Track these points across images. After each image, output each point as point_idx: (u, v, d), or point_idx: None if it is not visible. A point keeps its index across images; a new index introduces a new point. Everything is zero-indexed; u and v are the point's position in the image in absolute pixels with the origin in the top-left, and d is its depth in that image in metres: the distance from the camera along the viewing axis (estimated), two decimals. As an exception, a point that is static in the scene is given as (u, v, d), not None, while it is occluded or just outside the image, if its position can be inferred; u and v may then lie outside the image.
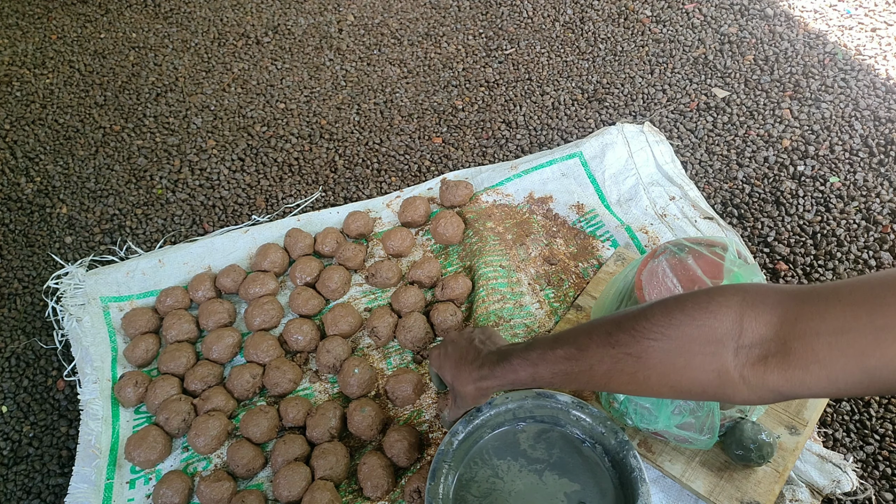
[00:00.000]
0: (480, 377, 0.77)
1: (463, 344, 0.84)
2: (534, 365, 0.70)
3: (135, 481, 1.03)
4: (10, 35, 1.84)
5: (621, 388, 0.63)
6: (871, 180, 1.26)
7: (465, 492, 0.91)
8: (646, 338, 0.59)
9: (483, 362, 0.78)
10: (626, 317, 0.62)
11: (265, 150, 1.50)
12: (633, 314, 0.61)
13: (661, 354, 0.58)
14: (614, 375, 0.62)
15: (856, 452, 0.96)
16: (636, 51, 1.59)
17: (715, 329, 0.55)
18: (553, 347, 0.68)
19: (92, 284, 1.23)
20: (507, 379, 0.74)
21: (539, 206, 1.28)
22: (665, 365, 0.58)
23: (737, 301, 0.55)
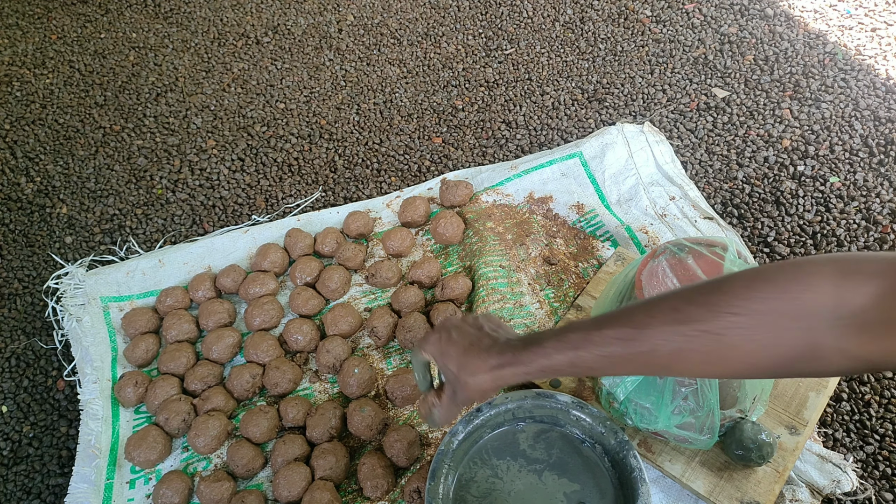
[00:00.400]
0: (500, 364, 0.68)
1: (470, 330, 0.74)
2: (574, 348, 0.62)
3: (135, 481, 1.03)
4: (10, 35, 1.84)
5: (691, 369, 0.58)
6: (871, 180, 1.26)
7: (464, 492, 0.91)
8: (725, 312, 0.52)
9: (503, 348, 0.68)
10: (696, 290, 0.56)
11: (265, 150, 1.50)
12: (704, 287, 0.55)
13: (745, 331, 0.52)
14: (684, 356, 0.56)
15: (856, 452, 0.96)
16: (636, 51, 1.59)
17: (809, 301, 0.50)
18: (600, 327, 0.60)
19: (92, 284, 1.23)
20: (537, 365, 0.65)
21: (539, 206, 1.28)
22: (749, 342, 0.52)
23: (831, 270, 0.51)
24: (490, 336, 0.72)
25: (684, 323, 0.55)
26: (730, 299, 0.53)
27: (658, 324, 0.56)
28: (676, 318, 0.55)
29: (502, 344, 0.69)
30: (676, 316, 0.55)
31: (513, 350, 0.67)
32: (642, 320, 0.58)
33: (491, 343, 0.70)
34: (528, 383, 1.02)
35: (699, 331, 0.54)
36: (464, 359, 0.71)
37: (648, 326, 0.57)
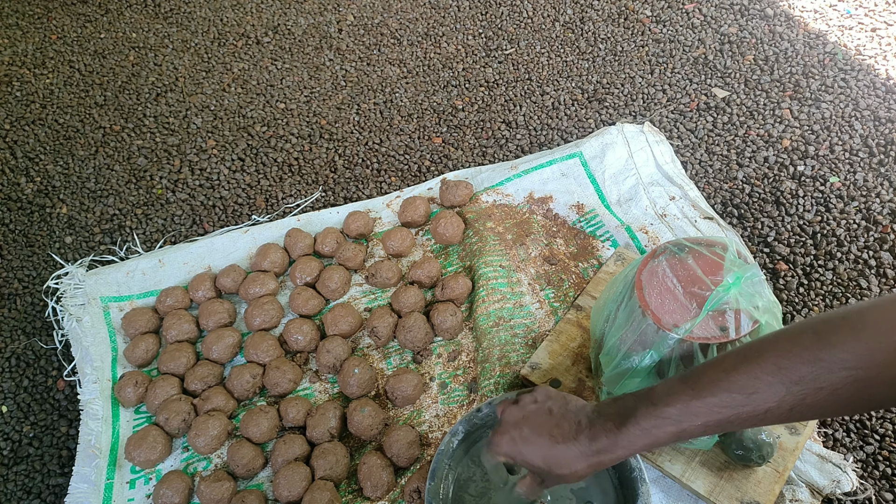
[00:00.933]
0: (596, 452, 0.65)
1: (543, 419, 0.70)
2: (677, 423, 0.60)
3: (135, 481, 1.03)
4: (10, 35, 1.84)
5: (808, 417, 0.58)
6: (871, 180, 1.26)
7: (464, 491, 0.91)
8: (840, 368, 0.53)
9: (594, 433, 0.65)
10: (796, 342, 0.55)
11: (265, 150, 1.50)
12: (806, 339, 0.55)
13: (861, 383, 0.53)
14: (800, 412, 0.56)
15: (856, 452, 0.96)
16: (636, 51, 1.59)
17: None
18: (699, 395, 0.59)
19: (92, 284, 1.23)
20: (640, 445, 0.63)
21: (539, 206, 1.28)
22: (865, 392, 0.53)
23: None
24: (568, 420, 0.69)
25: (797, 384, 0.54)
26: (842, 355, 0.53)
27: (766, 387, 0.56)
28: (787, 379, 0.55)
29: (589, 427, 0.66)
30: (786, 376, 0.55)
31: (606, 434, 0.65)
32: (747, 383, 0.57)
33: (574, 428, 0.67)
34: (529, 383, 1.02)
35: (814, 388, 0.54)
36: (551, 453, 0.68)
37: (756, 391, 0.56)
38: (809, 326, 0.56)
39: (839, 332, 0.53)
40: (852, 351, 0.52)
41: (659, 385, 0.64)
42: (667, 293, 0.78)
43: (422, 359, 1.11)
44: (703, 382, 0.60)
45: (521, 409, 0.73)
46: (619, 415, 0.64)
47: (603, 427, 0.65)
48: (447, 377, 1.08)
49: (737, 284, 0.74)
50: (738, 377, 0.58)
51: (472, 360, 1.09)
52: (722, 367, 0.59)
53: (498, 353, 1.06)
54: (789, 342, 0.56)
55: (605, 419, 0.66)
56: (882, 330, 0.52)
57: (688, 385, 0.60)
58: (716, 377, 0.59)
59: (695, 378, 0.61)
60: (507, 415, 0.74)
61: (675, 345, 0.76)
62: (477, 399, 1.04)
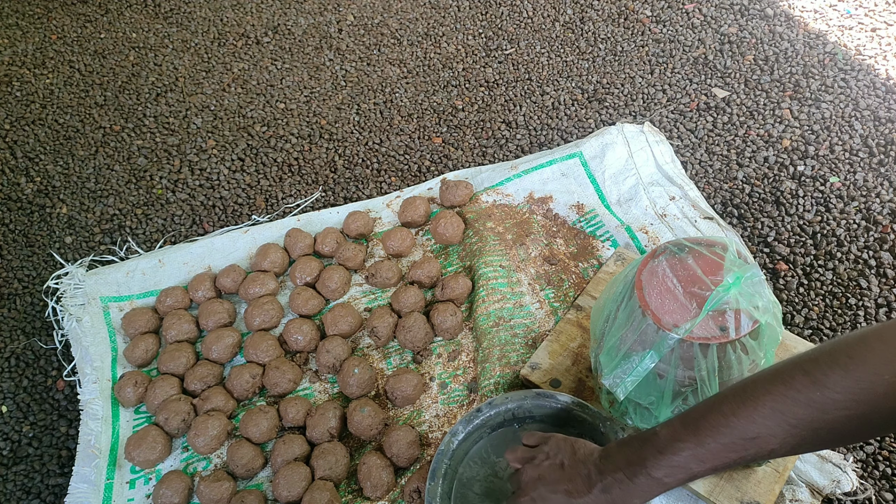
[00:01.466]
0: (613, 502, 0.68)
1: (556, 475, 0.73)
2: (687, 471, 0.63)
3: (135, 481, 1.03)
4: (10, 35, 1.84)
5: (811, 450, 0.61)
6: (871, 180, 1.26)
7: (464, 491, 0.91)
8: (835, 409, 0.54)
9: (607, 486, 0.68)
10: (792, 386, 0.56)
11: (265, 150, 1.50)
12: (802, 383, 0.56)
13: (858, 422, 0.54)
14: (803, 448, 0.59)
15: (856, 452, 0.96)
16: (636, 51, 1.59)
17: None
18: (702, 443, 0.61)
19: (92, 284, 1.23)
20: (654, 493, 0.66)
21: (539, 206, 1.28)
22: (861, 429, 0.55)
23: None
24: (579, 473, 0.71)
25: (795, 426, 0.56)
26: (835, 396, 0.54)
27: (766, 430, 0.58)
28: (785, 423, 0.57)
29: (600, 479, 0.69)
30: (784, 420, 0.57)
31: (619, 485, 0.67)
32: (747, 428, 0.59)
33: (586, 482, 0.70)
34: (529, 383, 1.02)
35: (812, 429, 0.56)
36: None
37: (758, 435, 0.58)
38: (801, 368, 0.57)
39: (830, 373, 0.54)
40: (845, 391, 0.53)
41: (661, 429, 0.66)
42: (667, 293, 0.78)
43: (422, 359, 1.11)
44: (705, 428, 0.62)
45: (536, 467, 0.76)
46: (629, 464, 0.67)
47: (614, 477, 0.68)
48: (447, 377, 1.08)
49: (737, 284, 0.74)
50: (738, 422, 0.59)
51: (472, 360, 1.09)
52: (721, 412, 0.61)
53: (498, 353, 1.06)
54: (783, 385, 0.57)
55: (614, 468, 0.68)
56: (872, 367, 0.53)
57: (690, 431, 0.63)
58: (717, 422, 0.61)
59: (696, 422, 0.63)
60: (525, 475, 0.77)
61: (675, 345, 0.76)
62: (477, 399, 1.04)
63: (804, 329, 1.09)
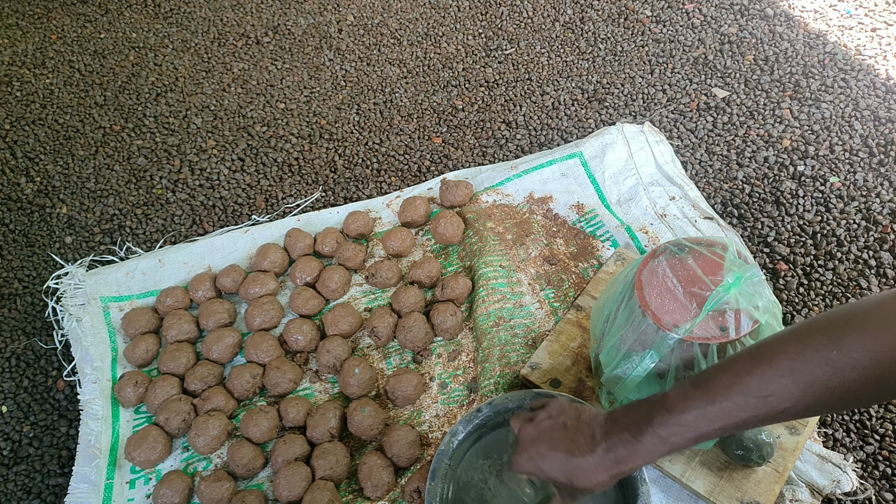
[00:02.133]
0: (616, 461, 0.66)
1: (557, 433, 0.72)
2: (695, 430, 0.61)
3: (135, 481, 1.03)
4: (10, 35, 1.84)
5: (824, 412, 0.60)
6: (871, 180, 1.26)
7: (465, 490, 0.91)
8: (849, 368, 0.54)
9: (611, 444, 0.67)
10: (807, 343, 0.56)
11: (265, 150, 1.50)
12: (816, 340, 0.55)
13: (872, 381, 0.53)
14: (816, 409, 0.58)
15: (856, 452, 0.96)
16: (636, 51, 1.59)
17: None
18: (713, 401, 0.60)
19: (92, 284, 1.23)
20: (659, 452, 0.64)
21: (539, 206, 1.28)
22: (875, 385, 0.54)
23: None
24: (582, 432, 0.70)
25: (811, 385, 0.56)
26: (853, 356, 0.53)
27: (780, 389, 0.57)
28: (801, 381, 0.56)
29: (605, 438, 0.67)
30: (800, 378, 0.56)
31: (624, 444, 0.66)
32: (761, 386, 0.58)
33: (589, 441, 0.68)
34: (529, 383, 1.02)
35: (828, 388, 0.55)
36: (570, 466, 0.69)
37: (772, 394, 0.57)
38: (818, 327, 0.56)
39: (848, 332, 0.54)
40: (863, 351, 0.53)
41: (671, 391, 0.64)
42: (667, 293, 0.78)
43: (422, 359, 1.11)
44: (716, 387, 0.60)
45: (537, 425, 0.74)
46: (635, 424, 0.65)
47: (619, 437, 0.66)
48: (447, 377, 1.08)
49: (737, 284, 0.74)
50: (752, 380, 0.58)
51: (472, 360, 1.09)
52: (734, 371, 0.60)
53: (498, 353, 1.06)
54: (800, 344, 0.56)
55: (620, 429, 0.66)
56: (889, 329, 0.52)
57: (701, 390, 0.61)
58: (729, 381, 0.60)
59: (707, 382, 0.61)
60: (524, 433, 0.75)
61: (675, 345, 0.76)
62: (477, 399, 1.04)
63: (804, 329, 1.09)
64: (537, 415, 0.77)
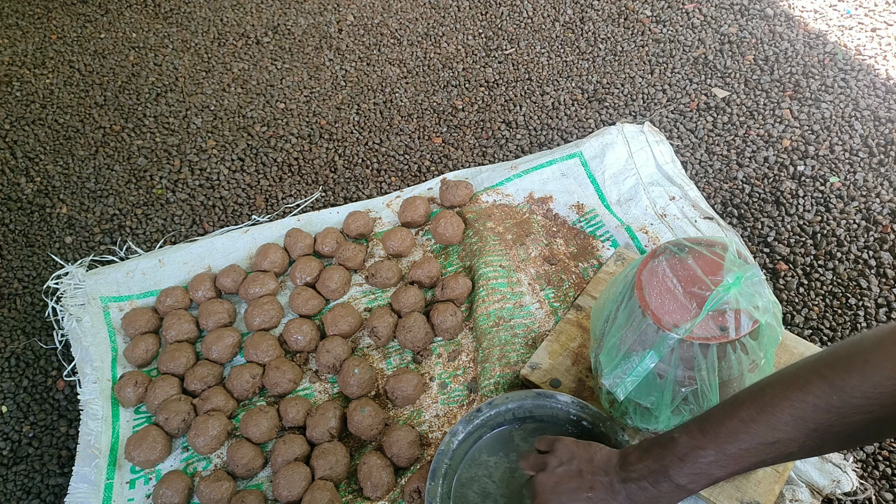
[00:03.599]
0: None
1: (575, 483, 0.73)
2: (708, 476, 0.64)
3: (135, 481, 1.03)
4: (10, 35, 1.84)
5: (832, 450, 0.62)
6: (871, 180, 1.26)
7: (465, 490, 0.91)
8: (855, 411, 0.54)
9: (630, 492, 0.69)
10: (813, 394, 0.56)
11: (265, 150, 1.50)
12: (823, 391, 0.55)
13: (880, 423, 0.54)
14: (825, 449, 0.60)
15: (856, 452, 0.96)
16: (636, 51, 1.59)
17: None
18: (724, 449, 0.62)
19: (92, 284, 1.23)
20: (678, 498, 0.68)
21: (539, 206, 1.28)
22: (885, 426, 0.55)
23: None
24: (599, 480, 0.72)
25: (815, 430, 0.57)
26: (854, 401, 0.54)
27: (786, 436, 0.58)
28: (805, 428, 0.57)
29: (623, 488, 0.69)
30: (803, 426, 0.57)
31: (644, 493, 0.68)
32: (767, 434, 0.59)
33: (609, 487, 0.71)
34: (529, 383, 1.02)
35: (833, 433, 0.56)
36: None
37: (777, 440, 0.59)
38: (817, 372, 0.57)
39: (847, 377, 0.54)
40: (865, 395, 0.53)
41: (680, 436, 0.66)
42: (667, 293, 0.78)
43: (422, 359, 1.11)
44: (724, 435, 0.62)
45: (552, 475, 0.76)
46: (652, 473, 0.67)
47: (638, 486, 0.68)
48: (447, 377, 1.08)
49: (737, 284, 0.74)
50: (758, 428, 0.60)
51: (472, 360, 1.09)
52: (740, 419, 0.61)
53: (498, 353, 1.06)
54: (800, 391, 0.57)
55: (637, 478, 0.68)
56: (890, 370, 0.52)
57: (710, 438, 0.63)
58: (736, 429, 0.61)
59: (715, 430, 0.63)
60: (540, 484, 0.76)
61: (675, 345, 0.76)
62: (477, 399, 1.04)
63: (804, 329, 1.09)
64: (548, 461, 0.78)
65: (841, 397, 0.54)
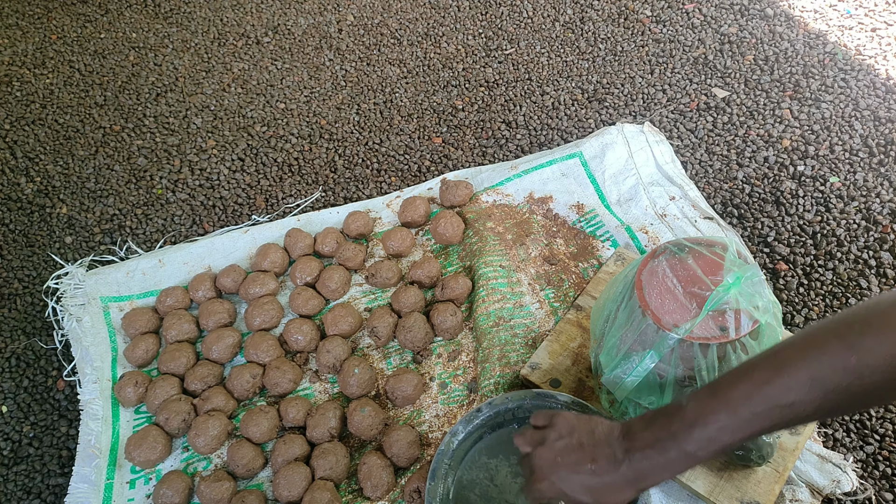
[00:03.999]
0: (642, 477, 0.66)
1: (576, 456, 0.70)
2: (718, 442, 0.61)
3: (135, 481, 1.03)
4: (10, 35, 1.84)
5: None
6: (871, 180, 1.26)
7: (465, 492, 0.91)
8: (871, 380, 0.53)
9: (634, 461, 0.66)
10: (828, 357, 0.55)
11: (265, 150, 1.50)
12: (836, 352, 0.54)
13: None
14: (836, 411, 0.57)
15: (856, 452, 0.96)
16: (636, 51, 1.59)
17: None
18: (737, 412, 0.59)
19: (92, 284, 1.23)
20: (685, 466, 0.64)
21: (539, 206, 1.28)
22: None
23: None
24: (602, 452, 0.68)
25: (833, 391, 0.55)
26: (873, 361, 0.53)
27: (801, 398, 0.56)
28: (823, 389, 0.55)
29: (627, 459, 0.66)
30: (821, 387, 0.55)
31: (649, 461, 0.65)
32: (782, 396, 0.57)
33: (612, 460, 0.67)
34: (529, 383, 1.02)
35: (849, 394, 0.55)
36: (596, 487, 0.68)
37: (793, 403, 0.57)
38: (834, 333, 0.56)
39: (865, 337, 0.54)
40: (883, 355, 0.53)
41: (687, 402, 0.64)
42: (667, 293, 0.78)
43: (422, 359, 1.11)
44: (736, 398, 0.60)
45: (551, 448, 0.72)
46: (658, 440, 0.65)
47: (643, 454, 0.65)
48: (447, 377, 1.08)
49: (737, 284, 0.74)
50: (773, 390, 0.58)
51: (472, 360, 1.09)
52: (753, 381, 0.59)
53: (498, 353, 1.06)
54: (817, 351, 0.56)
55: (642, 446, 0.66)
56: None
57: (720, 401, 0.61)
58: (749, 391, 0.59)
59: (725, 392, 0.61)
60: (540, 459, 0.73)
61: (675, 345, 0.76)
62: (477, 399, 1.04)
63: (804, 329, 1.09)
64: (547, 435, 0.74)
65: (859, 357, 0.53)
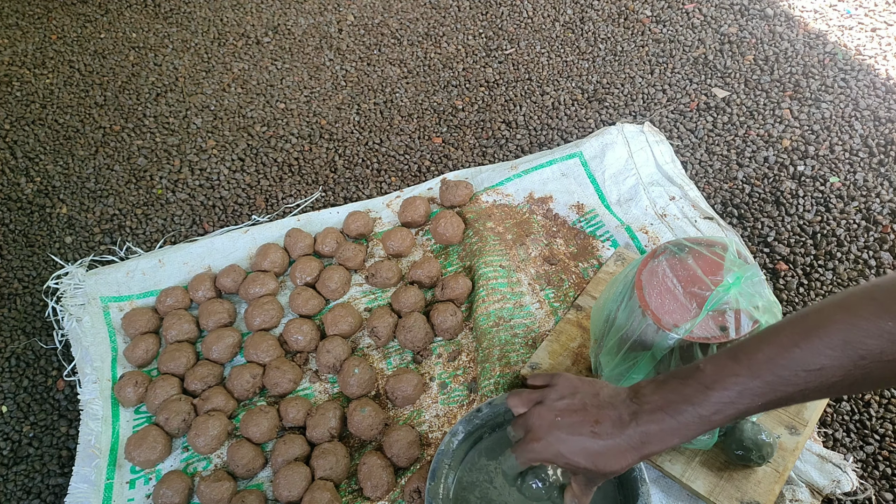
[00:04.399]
0: (648, 441, 0.61)
1: (578, 416, 0.65)
2: (736, 407, 0.57)
3: (135, 481, 1.03)
4: (10, 35, 1.84)
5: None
6: (871, 180, 1.27)
7: (466, 492, 0.91)
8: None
9: (642, 424, 0.61)
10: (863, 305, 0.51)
11: (265, 150, 1.50)
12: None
13: None
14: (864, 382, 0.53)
15: (856, 452, 0.97)
16: (636, 51, 1.59)
17: None
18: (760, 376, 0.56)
19: (92, 284, 1.23)
20: (698, 431, 0.59)
21: (539, 206, 1.28)
22: None
23: None
24: (606, 414, 0.64)
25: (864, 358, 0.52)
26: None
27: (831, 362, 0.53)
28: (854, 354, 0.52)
29: (635, 421, 0.62)
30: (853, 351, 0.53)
31: (658, 424, 0.60)
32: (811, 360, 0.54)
33: (617, 423, 0.63)
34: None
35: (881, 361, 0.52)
36: (596, 451, 0.63)
37: (822, 367, 0.54)
38: (868, 295, 0.53)
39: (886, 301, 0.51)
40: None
41: (706, 365, 0.60)
42: (667, 293, 0.78)
43: (422, 359, 1.11)
44: (761, 361, 0.56)
45: (550, 409, 0.67)
46: (670, 403, 0.60)
47: (652, 418, 0.61)
48: (447, 377, 1.08)
49: (737, 284, 0.74)
50: (801, 353, 0.54)
51: (472, 360, 1.09)
52: (780, 344, 0.56)
53: (498, 353, 1.06)
54: (850, 314, 0.53)
55: (652, 409, 0.61)
56: None
57: (742, 364, 0.57)
58: (774, 354, 0.55)
59: (749, 356, 0.57)
60: (537, 418, 0.67)
61: (675, 345, 0.76)
62: (477, 399, 1.04)
63: (804, 329, 1.09)
64: (546, 395, 0.69)
65: (894, 321, 0.50)
